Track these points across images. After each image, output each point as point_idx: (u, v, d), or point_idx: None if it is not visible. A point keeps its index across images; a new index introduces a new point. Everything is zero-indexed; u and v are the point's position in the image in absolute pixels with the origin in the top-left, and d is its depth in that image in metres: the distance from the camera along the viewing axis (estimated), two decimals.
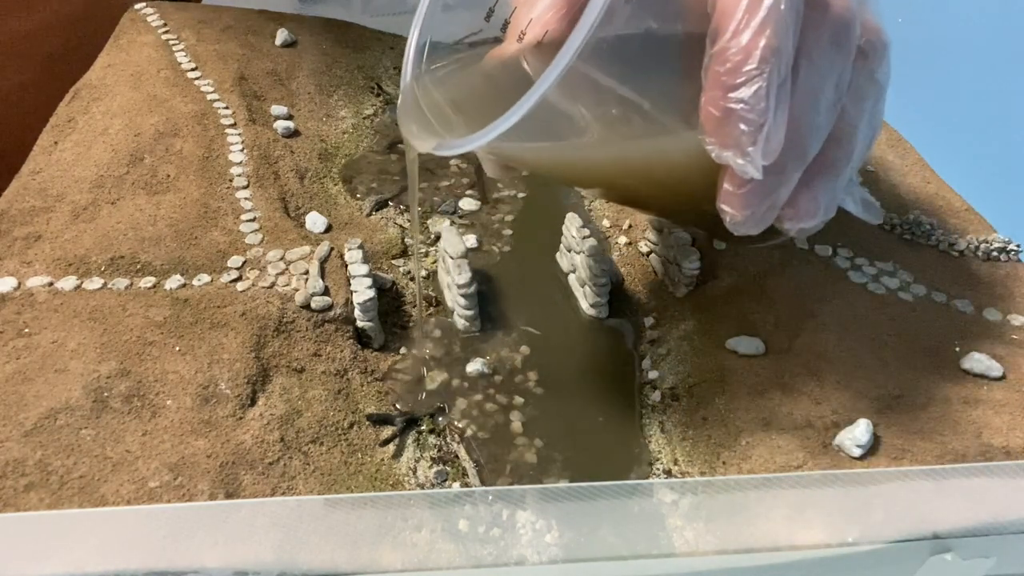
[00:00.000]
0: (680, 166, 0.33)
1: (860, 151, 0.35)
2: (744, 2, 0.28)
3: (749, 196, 0.31)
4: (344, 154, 0.57)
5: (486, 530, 0.34)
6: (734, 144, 0.29)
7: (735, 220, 0.32)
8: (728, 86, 0.28)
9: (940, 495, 0.35)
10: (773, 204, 0.32)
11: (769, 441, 0.38)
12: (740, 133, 0.28)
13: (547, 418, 0.41)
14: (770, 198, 0.32)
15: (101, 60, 0.57)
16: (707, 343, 0.44)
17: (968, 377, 0.41)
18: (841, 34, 0.31)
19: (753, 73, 0.28)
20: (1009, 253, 0.50)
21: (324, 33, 0.66)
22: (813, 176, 0.33)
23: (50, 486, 0.33)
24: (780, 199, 0.32)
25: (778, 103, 0.29)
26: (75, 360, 0.37)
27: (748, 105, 0.28)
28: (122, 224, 0.45)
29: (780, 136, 0.29)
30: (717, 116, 0.29)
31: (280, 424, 0.37)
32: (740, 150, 0.29)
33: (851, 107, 0.33)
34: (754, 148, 0.29)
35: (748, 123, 0.28)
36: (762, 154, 0.29)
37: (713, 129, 0.29)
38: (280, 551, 0.31)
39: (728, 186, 0.31)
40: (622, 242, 0.52)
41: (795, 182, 0.32)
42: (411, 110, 0.36)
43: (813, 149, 0.32)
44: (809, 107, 0.31)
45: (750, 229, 0.33)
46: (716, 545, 0.34)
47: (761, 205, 0.32)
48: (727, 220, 0.32)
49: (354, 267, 0.45)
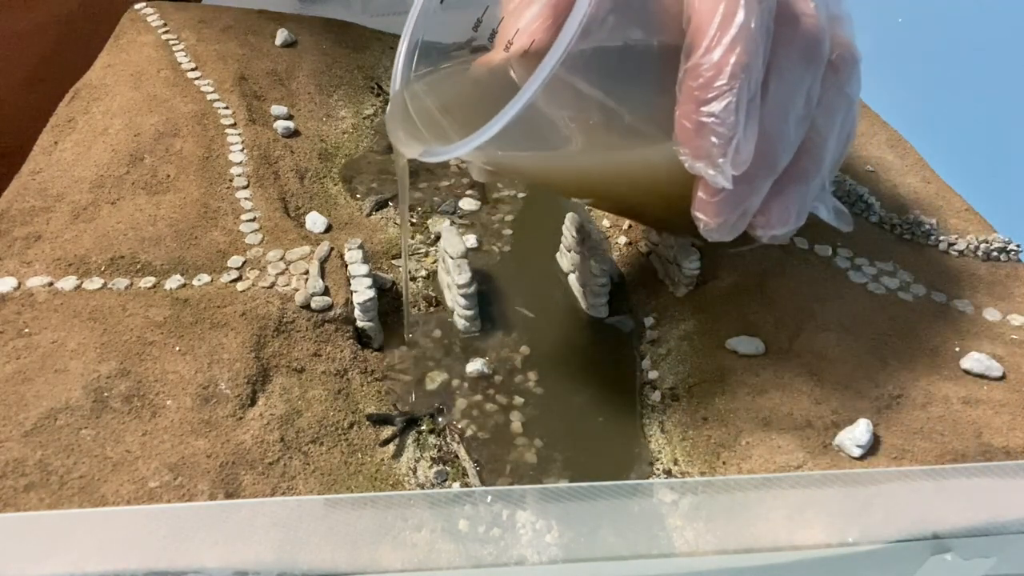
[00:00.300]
0: (663, 174, 0.34)
1: (831, 161, 0.36)
2: (716, 20, 0.30)
3: (721, 205, 0.33)
4: (344, 154, 0.57)
5: (486, 530, 0.34)
6: (706, 155, 0.30)
7: (708, 227, 0.34)
8: (700, 100, 0.30)
9: (940, 495, 0.35)
10: (745, 212, 0.34)
11: (769, 441, 0.38)
12: (711, 145, 0.30)
13: (547, 418, 0.41)
14: (742, 206, 0.33)
15: (101, 60, 0.57)
16: (707, 343, 0.44)
17: (968, 377, 0.41)
18: (811, 50, 0.33)
19: (724, 88, 0.30)
20: (1009, 253, 0.50)
21: (324, 33, 0.66)
22: (785, 185, 0.35)
23: (50, 486, 0.33)
24: (752, 207, 0.34)
25: (748, 117, 0.30)
26: (75, 360, 0.37)
27: (719, 119, 0.30)
28: (122, 224, 0.45)
29: (750, 148, 0.31)
30: (690, 128, 0.30)
31: (280, 424, 0.37)
32: (711, 161, 0.30)
33: (821, 119, 0.34)
34: (724, 160, 0.30)
35: (719, 136, 0.30)
36: (732, 165, 0.30)
37: (686, 141, 0.31)
38: (280, 551, 0.31)
39: (702, 195, 0.33)
40: (622, 242, 0.52)
41: (765, 191, 0.34)
42: (399, 116, 0.37)
43: (783, 160, 0.34)
44: (779, 120, 0.32)
45: (723, 236, 0.34)
46: (716, 545, 0.34)
47: (733, 213, 0.33)
48: (701, 227, 0.34)
49: (354, 267, 0.45)
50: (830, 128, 0.35)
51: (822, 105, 0.34)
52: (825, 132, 0.35)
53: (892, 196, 0.53)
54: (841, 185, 0.53)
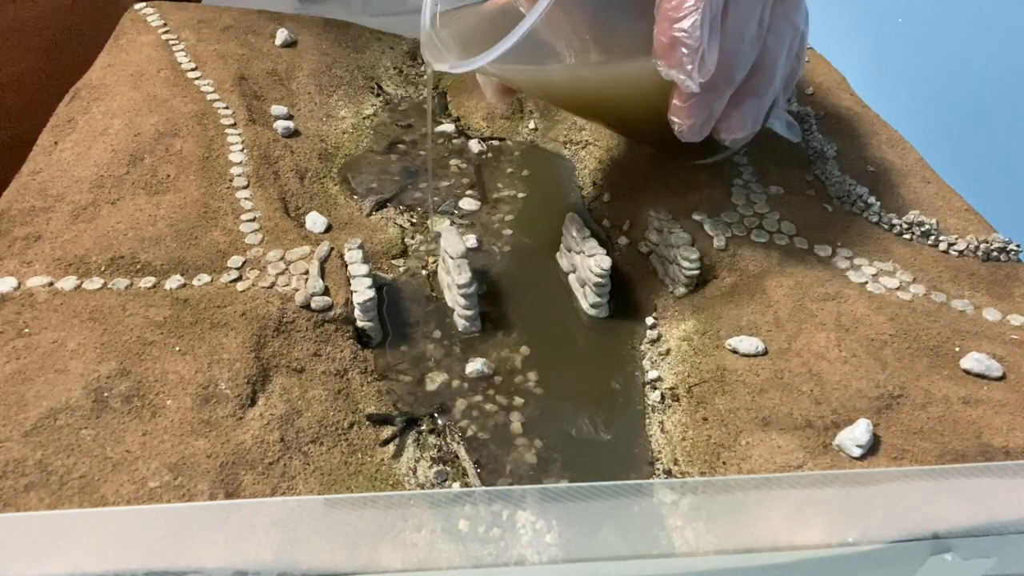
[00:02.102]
0: (644, 86, 0.42)
1: (780, 79, 0.45)
2: None
3: (691, 108, 0.41)
4: (344, 154, 0.57)
5: (486, 530, 0.34)
6: (678, 64, 0.38)
7: (681, 128, 0.42)
8: (673, 19, 0.37)
9: (940, 495, 0.35)
10: (710, 116, 0.42)
11: (769, 441, 0.38)
12: (683, 55, 0.38)
13: (547, 418, 0.41)
14: (707, 111, 0.42)
15: (101, 60, 0.57)
16: (707, 343, 0.44)
17: (968, 377, 0.41)
18: None
19: (691, 8, 0.37)
20: (1009, 253, 0.50)
21: (324, 33, 0.66)
22: (743, 98, 0.43)
23: (50, 486, 0.33)
24: (715, 112, 0.42)
25: (711, 33, 0.38)
26: (75, 360, 0.37)
27: (687, 33, 0.37)
28: (122, 224, 0.45)
29: (714, 59, 0.39)
30: (665, 43, 0.38)
31: (280, 424, 0.37)
32: (683, 69, 0.38)
33: (772, 41, 0.43)
34: (692, 67, 0.38)
35: (688, 47, 0.37)
36: (699, 72, 0.38)
37: (663, 54, 0.38)
38: (280, 551, 0.31)
39: (676, 101, 0.41)
40: (622, 242, 0.52)
41: (726, 99, 0.42)
42: (428, 44, 0.45)
43: (740, 73, 0.42)
44: (736, 39, 0.40)
45: (694, 137, 0.42)
46: (716, 545, 0.34)
47: (701, 116, 0.41)
48: (676, 129, 0.42)
49: (354, 267, 0.45)
50: (780, 49, 0.43)
51: (772, 30, 0.42)
52: (775, 52, 0.43)
53: (892, 196, 0.53)
54: (841, 185, 0.53)
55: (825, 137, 0.58)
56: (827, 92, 0.64)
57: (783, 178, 0.54)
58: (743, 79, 0.42)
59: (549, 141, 0.61)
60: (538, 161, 0.60)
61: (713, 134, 0.44)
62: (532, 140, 0.62)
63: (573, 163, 0.59)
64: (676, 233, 0.48)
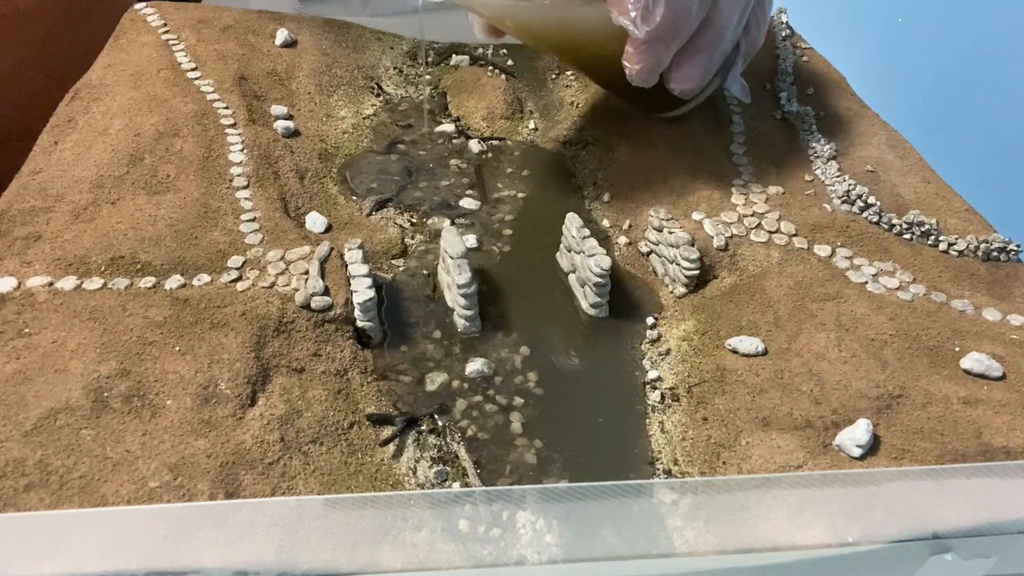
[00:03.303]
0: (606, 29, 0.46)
1: (732, 40, 0.51)
2: None
3: (641, 55, 0.46)
4: (344, 154, 0.57)
5: (486, 530, 0.34)
6: (624, 12, 0.44)
7: (632, 72, 0.47)
8: None
9: (940, 495, 0.35)
10: (658, 63, 0.47)
11: (769, 441, 0.38)
12: (628, 3, 0.44)
13: (547, 418, 0.41)
14: (655, 58, 0.47)
15: (101, 60, 0.57)
16: (707, 343, 0.44)
17: (968, 377, 0.41)
18: None
19: None
20: (1009, 253, 0.50)
21: (324, 33, 0.66)
22: (693, 53, 0.48)
23: (50, 486, 0.33)
24: (663, 61, 0.48)
25: None
26: (75, 360, 0.37)
27: None
28: (122, 224, 0.45)
29: (660, 10, 0.44)
30: None
31: (280, 424, 0.37)
32: (627, 16, 0.44)
33: (724, 4, 0.48)
34: (636, 15, 0.44)
35: None
36: (643, 21, 0.44)
37: (614, 3, 0.44)
38: (280, 551, 0.31)
39: (628, 48, 0.47)
40: (622, 242, 0.52)
41: (673, 51, 0.47)
42: None
43: (686, 29, 0.47)
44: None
45: (643, 82, 0.48)
46: (716, 545, 0.34)
47: (649, 62, 0.47)
48: (627, 73, 0.47)
49: (354, 267, 0.45)
50: (732, 12, 0.49)
51: None
52: (727, 14, 0.48)
53: (892, 196, 0.53)
54: (841, 185, 0.53)
55: (825, 137, 0.58)
56: (827, 92, 0.64)
57: (783, 178, 0.54)
58: (694, 34, 0.47)
59: (549, 141, 0.61)
60: (538, 161, 0.60)
61: (664, 83, 0.49)
62: (532, 140, 0.62)
63: (573, 163, 0.59)
64: (676, 233, 0.48)
